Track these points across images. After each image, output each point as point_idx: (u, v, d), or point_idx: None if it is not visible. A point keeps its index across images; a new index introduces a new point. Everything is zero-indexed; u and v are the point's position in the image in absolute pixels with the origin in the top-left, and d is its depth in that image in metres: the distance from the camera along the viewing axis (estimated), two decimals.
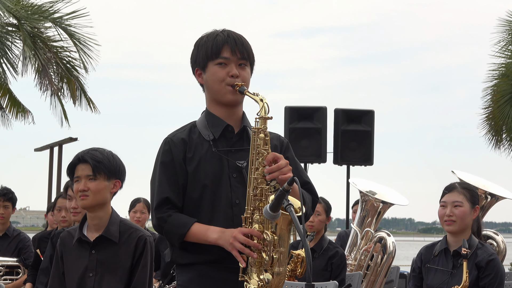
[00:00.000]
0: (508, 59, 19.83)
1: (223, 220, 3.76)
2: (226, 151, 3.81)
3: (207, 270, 3.77)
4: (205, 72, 3.84)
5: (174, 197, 3.79)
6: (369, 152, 14.33)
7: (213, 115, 3.86)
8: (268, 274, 3.62)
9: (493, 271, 5.46)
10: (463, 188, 5.62)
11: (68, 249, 4.73)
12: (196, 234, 3.73)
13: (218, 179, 3.80)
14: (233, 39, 3.80)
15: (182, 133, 3.86)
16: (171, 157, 3.80)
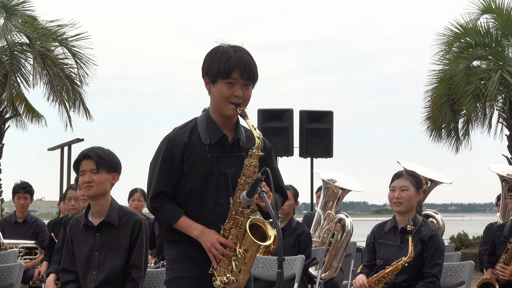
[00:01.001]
0: (445, 66, 19.87)
1: (208, 215, 3.77)
2: (218, 157, 3.77)
3: (189, 247, 3.77)
4: (214, 85, 3.75)
5: (169, 190, 3.79)
6: (329, 147, 14.40)
7: (213, 121, 3.80)
8: (233, 278, 3.67)
9: (435, 245, 5.48)
10: (409, 175, 5.63)
11: (76, 233, 4.75)
12: (181, 227, 3.75)
13: (207, 180, 3.78)
14: (243, 64, 3.69)
15: (184, 133, 3.80)
16: (171, 155, 3.76)
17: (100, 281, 4.57)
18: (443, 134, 20.16)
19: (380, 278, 5.47)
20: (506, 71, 18.66)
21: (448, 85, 19.51)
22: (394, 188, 5.58)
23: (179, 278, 3.79)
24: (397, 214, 5.61)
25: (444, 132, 20.15)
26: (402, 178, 5.58)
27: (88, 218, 4.75)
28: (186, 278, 3.77)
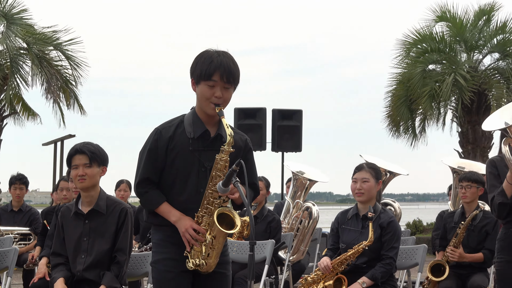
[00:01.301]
0: (404, 70, 19.95)
1: (188, 203, 3.79)
2: (200, 150, 3.79)
3: (172, 232, 3.78)
4: (198, 86, 3.79)
5: (153, 177, 3.82)
6: (298, 142, 14.45)
7: (198, 117, 3.83)
8: (203, 261, 3.71)
9: (392, 230, 5.52)
10: (369, 168, 5.66)
11: (67, 220, 4.75)
12: (162, 212, 3.80)
13: (189, 171, 3.80)
14: (223, 68, 3.72)
15: (170, 127, 3.84)
16: (157, 146, 3.80)
17: (88, 264, 4.57)
18: (402, 130, 20.27)
19: (342, 260, 5.50)
20: (459, 74, 18.77)
21: (406, 86, 19.61)
22: (356, 180, 5.60)
23: (163, 260, 3.81)
24: (358, 203, 5.64)
25: (402, 129, 20.26)
26: (363, 171, 5.61)
27: (78, 207, 4.74)
28: (168, 260, 3.79)
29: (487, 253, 6.46)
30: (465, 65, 19.57)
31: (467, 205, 6.72)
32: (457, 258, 6.55)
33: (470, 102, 18.94)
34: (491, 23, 19.90)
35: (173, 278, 3.78)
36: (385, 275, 5.41)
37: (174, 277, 3.78)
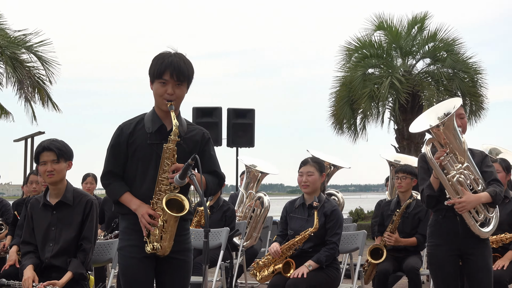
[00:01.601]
0: (346, 73, 20.10)
1: (148, 191, 3.76)
2: (157, 143, 3.76)
3: (135, 219, 3.75)
4: (153, 84, 3.80)
5: (116, 169, 3.81)
6: (251, 138, 14.50)
7: (156, 114, 3.83)
8: (158, 245, 3.69)
9: (335, 218, 5.54)
10: (314, 162, 5.67)
11: (36, 211, 4.67)
12: (124, 201, 3.78)
13: (147, 162, 3.78)
14: (173, 67, 3.71)
15: (131, 124, 3.84)
16: (118, 141, 3.80)
17: (56, 251, 4.51)
18: (344, 128, 20.42)
19: (290, 245, 5.50)
20: (395, 78, 18.98)
21: (348, 88, 19.76)
22: (302, 173, 5.61)
23: (128, 246, 3.79)
24: (305, 194, 5.65)
25: (345, 126, 20.41)
26: (308, 165, 5.62)
27: (46, 198, 4.67)
28: (133, 246, 3.76)
29: (420, 237, 6.53)
30: (400, 69, 19.81)
31: (402, 195, 6.79)
32: (393, 242, 6.62)
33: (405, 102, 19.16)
34: (423, 32, 20.18)
35: (137, 263, 3.75)
36: (329, 258, 5.43)
37: (137, 262, 3.75)
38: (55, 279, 4.40)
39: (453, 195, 4.19)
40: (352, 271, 6.13)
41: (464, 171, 4.24)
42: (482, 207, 4.30)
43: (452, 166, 4.22)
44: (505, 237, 6.13)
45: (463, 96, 19.21)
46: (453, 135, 4.24)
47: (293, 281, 5.23)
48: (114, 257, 4.91)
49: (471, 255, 4.30)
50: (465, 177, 4.23)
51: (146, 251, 3.68)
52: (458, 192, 4.19)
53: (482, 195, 4.24)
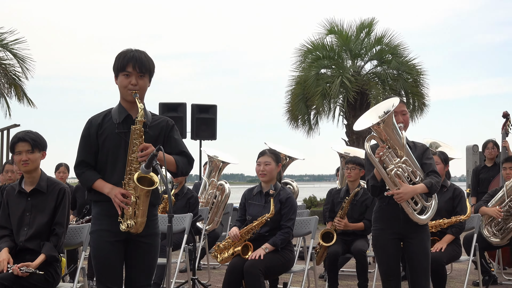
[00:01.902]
0: (301, 73, 20.18)
1: (118, 176, 3.73)
2: (125, 132, 3.74)
3: (107, 206, 3.72)
4: (117, 78, 3.77)
5: (88, 159, 3.78)
6: (213, 131, 14.52)
7: (122, 106, 3.81)
8: (132, 221, 3.65)
9: (290, 204, 5.55)
10: (271, 153, 5.67)
11: (12, 198, 4.60)
12: (97, 187, 3.74)
13: (117, 150, 3.75)
14: (135, 59, 3.72)
15: (99, 116, 3.81)
16: (88, 133, 3.77)
17: (30, 235, 4.45)
18: (299, 123, 20.51)
19: (249, 230, 5.50)
20: (345, 77, 19.12)
21: (302, 87, 19.84)
22: (259, 163, 5.61)
23: (99, 231, 3.76)
24: (262, 182, 5.65)
25: (299, 121, 20.50)
26: (265, 156, 5.62)
27: (21, 186, 4.60)
28: (104, 231, 3.74)
29: (367, 222, 6.59)
30: (350, 70, 19.95)
31: (351, 184, 6.84)
32: (342, 227, 6.67)
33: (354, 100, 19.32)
34: (371, 36, 20.37)
35: (108, 247, 3.72)
36: (284, 241, 5.44)
37: (109, 246, 3.72)
38: (29, 261, 4.33)
39: (392, 187, 4.24)
40: (305, 253, 6.16)
41: (402, 165, 4.28)
42: (419, 197, 4.36)
43: (391, 161, 4.26)
44: (443, 222, 6.22)
45: (406, 95, 19.47)
46: (392, 131, 4.28)
47: (251, 262, 5.24)
48: (84, 241, 4.85)
49: (411, 239, 4.35)
50: (403, 170, 4.28)
51: (121, 229, 3.65)
52: (396, 184, 4.24)
53: (418, 186, 4.29)
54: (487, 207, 7.28)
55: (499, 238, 7.24)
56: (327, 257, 6.65)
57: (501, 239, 7.23)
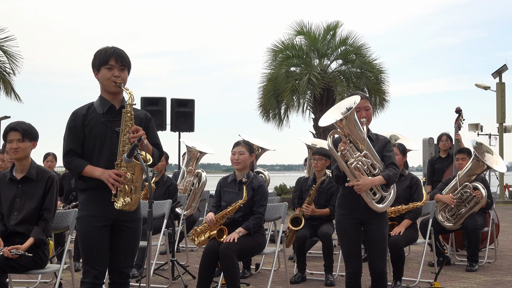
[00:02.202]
0: (272, 70, 20.21)
1: (106, 161, 3.69)
2: (109, 120, 3.72)
3: (94, 193, 3.70)
4: (99, 72, 3.74)
5: (76, 148, 3.72)
6: (191, 124, 14.51)
7: (104, 98, 3.77)
8: (128, 198, 3.61)
9: (261, 192, 5.55)
10: (245, 143, 5.67)
11: (3, 184, 4.55)
12: (87, 172, 3.68)
13: (103, 138, 3.71)
14: (116, 54, 3.72)
15: (83, 109, 3.77)
16: (75, 124, 3.72)
17: (20, 220, 4.41)
18: (271, 116, 20.56)
19: (223, 215, 5.49)
20: (313, 75, 19.20)
21: (274, 83, 19.87)
22: (234, 152, 5.60)
23: (86, 216, 3.72)
24: (236, 170, 5.65)
25: (271, 115, 20.55)
26: (240, 146, 5.62)
27: (13, 173, 4.54)
28: (90, 216, 3.69)
29: (332, 208, 6.61)
30: (317, 68, 20.04)
31: (318, 173, 6.86)
32: (310, 212, 6.70)
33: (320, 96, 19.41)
34: (336, 37, 20.48)
35: (95, 231, 3.69)
36: (256, 226, 5.45)
37: (95, 230, 3.68)
38: (19, 244, 4.30)
39: (352, 178, 4.27)
40: (276, 236, 6.18)
41: (362, 159, 4.30)
42: (378, 188, 4.39)
43: (351, 155, 4.28)
44: (401, 208, 6.29)
45: (369, 91, 19.60)
46: (354, 126, 4.29)
47: (225, 245, 5.24)
48: (71, 225, 4.82)
49: (370, 224, 4.38)
50: (363, 163, 4.30)
51: (116, 207, 3.60)
52: (356, 176, 4.26)
53: (376, 178, 4.32)
54: (441, 194, 7.38)
55: (452, 223, 7.34)
56: (295, 240, 6.67)
57: (454, 224, 7.34)
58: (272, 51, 20.44)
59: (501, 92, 23.30)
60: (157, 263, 7.03)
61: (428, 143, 17.53)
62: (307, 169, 9.02)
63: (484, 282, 6.56)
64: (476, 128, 22.00)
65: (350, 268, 4.39)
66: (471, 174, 7.37)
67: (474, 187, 7.25)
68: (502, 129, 23.44)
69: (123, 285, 3.84)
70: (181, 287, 6.30)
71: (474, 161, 7.37)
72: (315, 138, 14.39)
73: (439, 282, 6.30)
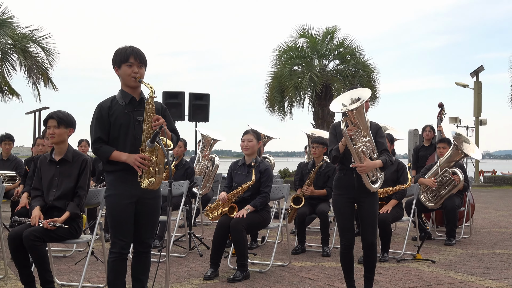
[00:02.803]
0: (277, 69, 20.17)
1: (130, 146, 3.68)
2: (132, 111, 3.71)
3: (120, 175, 3.69)
4: (120, 69, 3.71)
5: (103, 136, 3.69)
6: (207, 115, 14.45)
7: (124, 91, 3.75)
8: (153, 178, 3.61)
9: (267, 174, 5.55)
10: (253, 132, 5.65)
11: (44, 165, 4.54)
12: (114, 157, 3.67)
13: (127, 126, 3.70)
14: (135, 52, 3.69)
15: (107, 101, 3.74)
16: (101, 114, 3.69)
17: (57, 196, 4.40)
18: (276, 110, 20.54)
19: (234, 194, 5.50)
20: (313, 73, 19.14)
21: (279, 80, 19.84)
22: (244, 140, 5.59)
23: (113, 195, 3.71)
24: (246, 155, 5.64)
25: (276, 108, 20.53)
26: (248, 134, 5.60)
27: (52, 156, 4.54)
28: (117, 195, 3.69)
29: (329, 190, 6.62)
30: (317, 67, 19.97)
31: (316, 159, 6.85)
32: (309, 193, 6.70)
33: (320, 92, 19.37)
34: (334, 40, 20.39)
35: (120, 207, 3.68)
36: (263, 204, 5.45)
37: (121, 207, 3.68)
38: (56, 217, 4.30)
39: (357, 160, 4.23)
40: (279, 213, 6.18)
41: (366, 144, 4.27)
42: (375, 170, 4.37)
43: (359, 139, 4.25)
44: (389, 190, 6.29)
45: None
46: (360, 115, 4.26)
47: (236, 220, 5.25)
48: (101, 201, 4.82)
49: (362, 202, 4.36)
50: (367, 148, 4.28)
51: (142, 186, 3.60)
52: (361, 158, 4.23)
53: (377, 162, 4.30)
54: (424, 178, 7.36)
55: (433, 203, 7.33)
56: (296, 217, 6.69)
57: (434, 204, 7.33)
58: (278, 52, 20.39)
59: (478, 90, 23.17)
60: (176, 235, 7.06)
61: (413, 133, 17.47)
62: (307, 155, 9.01)
63: (460, 255, 6.56)
64: (455, 121, 21.91)
65: (344, 241, 4.39)
66: (451, 160, 7.35)
67: (453, 172, 7.24)
68: (478, 122, 23.34)
69: (145, 254, 3.85)
70: (196, 256, 6.32)
71: (453, 150, 7.34)
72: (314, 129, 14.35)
73: (421, 254, 6.32)
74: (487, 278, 5.25)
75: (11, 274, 5.15)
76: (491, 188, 21.15)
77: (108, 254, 3.75)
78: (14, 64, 16.49)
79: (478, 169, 23.11)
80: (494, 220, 10.24)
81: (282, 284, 4.97)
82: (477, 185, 22.09)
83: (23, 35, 16.49)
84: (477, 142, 23.12)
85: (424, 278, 5.22)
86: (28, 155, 14.37)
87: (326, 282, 5.03)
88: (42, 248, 4.17)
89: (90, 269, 5.46)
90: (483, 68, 23.21)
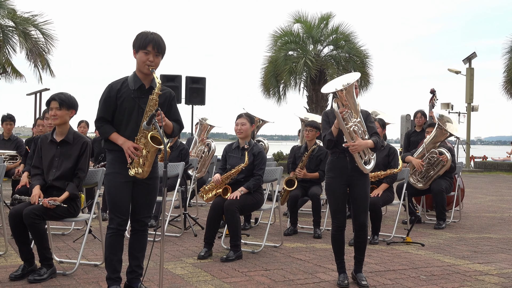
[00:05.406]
0: (273, 54, 20.12)
1: (131, 132, 3.72)
2: (138, 97, 3.73)
3: (119, 155, 3.73)
4: (137, 53, 3.71)
5: (106, 116, 3.73)
6: (203, 98, 14.45)
7: (137, 76, 3.76)
8: (140, 169, 3.68)
9: (261, 157, 5.57)
10: (246, 116, 5.67)
11: (45, 145, 4.56)
12: (112, 138, 3.72)
13: (131, 111, 3.73)
14: (155, 41, 3.67)
15: (118, 83, 3.76)
16: (109, 95, 3.72)
17: (57, 176, 4.43)
18: (271, 94, 20.53)
19: (228, 176, 5.53)
20: (308, 59, 19.10)
21: (274, 65, 19.79)
22: (237, 123, 5.61)
23: (112, 173, 3.76)
24: (239, 139, 5.67)
25: (271, 92, 20.51)
26: (242, 118, 5.62)
27: (53, 136, 4.56)
28: (116, 173, 3.74)
29: (321, 173, 6.67)
30: (312, 52, 19.93)
31: (309, 142, 6.88)
32: (302, 175, 6.75)
33: (314, 77, 19.35)
34: (329, 26, 20.34)
35: (119, 186, 3.73)
36: (256, 186, 5.48)
37: (120, 185, 3.73)
38: (56, 196, 4.35)
39: (349, 139, 4.23)
40: (272, 195, 6.24)
41: (357, 124, 4.29)
42: (367, 151, 4.38)
43: (350, 119, 4.26)
44: (380, 174, 6.35)
45: None
46: (351, 97, 4.27)
47: (229, 201, 5.29)
48: (99, 181, 4.86)
49: (355, 185, 4.39)
50: (358, 128, 4.29)
51: (129, 175, 3.67)
52: (353, 138, 4.24)
53: (368, 141, 4.31)
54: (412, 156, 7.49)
55: (422, 183, 7.42)
56: (289, 199, 6.74)
57: (423, 184, 7.42)
58: (273, 37, 20.32)
59: (470, 76, 23.20)
60: (172, 216, 7.12)
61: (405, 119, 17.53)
62: (300, 139, 9.06)
63: (449, 238, 6.64)
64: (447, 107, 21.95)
65: (336, 223, 4.42)
66: (436, 141, 7.42)
67: (440, 152, 7.31)
68: (470, 108, 23.40)
69: (142, 232, 3.90)
70: (191, 236, 6.39)
71: (437, 130, 7.39)
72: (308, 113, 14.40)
73: (411, 237, 6.39)
74: (475, 261, 5.31)
75: (11, 251, 5.21)
76: (481, 174, 21.28)
77: (106, 230, 3.81)
78: (15, 46, 16.53)
79: (469, 154, 23.24)
80: (484, 205, 10.31)
81: (274, 264, 5.04)
82: (468, 170, 22.23)
83: (24, 18, 16.49)
84: (469, 128, 23.22)
85: (413, 261, 5.27)
86: (29, 135, 14.40)
87: (317, 263, 5.10)
88: (41, 226, 4.22)
89: (87, 247, 5.53)
90: (476, 55, 23.22)
